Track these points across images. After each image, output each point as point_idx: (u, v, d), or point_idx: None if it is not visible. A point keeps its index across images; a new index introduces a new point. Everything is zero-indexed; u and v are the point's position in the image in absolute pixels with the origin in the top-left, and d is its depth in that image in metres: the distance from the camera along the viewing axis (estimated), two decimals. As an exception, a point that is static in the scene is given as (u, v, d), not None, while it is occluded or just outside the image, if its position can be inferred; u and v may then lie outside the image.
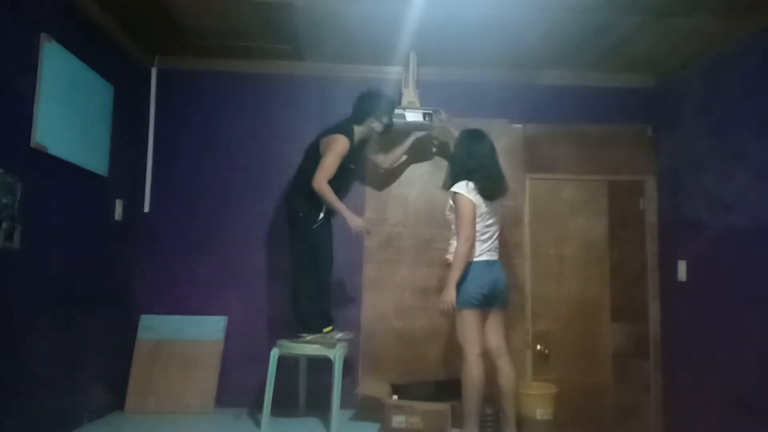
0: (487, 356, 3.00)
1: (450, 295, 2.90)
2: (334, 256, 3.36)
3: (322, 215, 3.24)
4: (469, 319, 2.93)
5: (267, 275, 3.77)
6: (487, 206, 3.00)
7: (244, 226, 3.79)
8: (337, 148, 3.21)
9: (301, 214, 3.25)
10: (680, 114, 3.67)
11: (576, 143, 3.90)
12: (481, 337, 2.97)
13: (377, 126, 3.43)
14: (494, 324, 3.07)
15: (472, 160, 3.04)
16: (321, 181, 3.15)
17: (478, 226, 2.98)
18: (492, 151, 3.11)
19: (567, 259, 3.89)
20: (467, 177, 3.00)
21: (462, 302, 2.92)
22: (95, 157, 3.21)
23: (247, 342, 3.65)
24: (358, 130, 3.38)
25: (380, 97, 3.44)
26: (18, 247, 2.48)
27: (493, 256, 3.04)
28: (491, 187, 3.02)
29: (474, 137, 3.13)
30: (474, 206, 2.95)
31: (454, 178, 3.06)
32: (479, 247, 2.98)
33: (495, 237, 3.07)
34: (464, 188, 2.97)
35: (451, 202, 3.06)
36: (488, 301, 2.99)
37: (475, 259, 2.97)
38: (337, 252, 3.40)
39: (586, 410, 3.73)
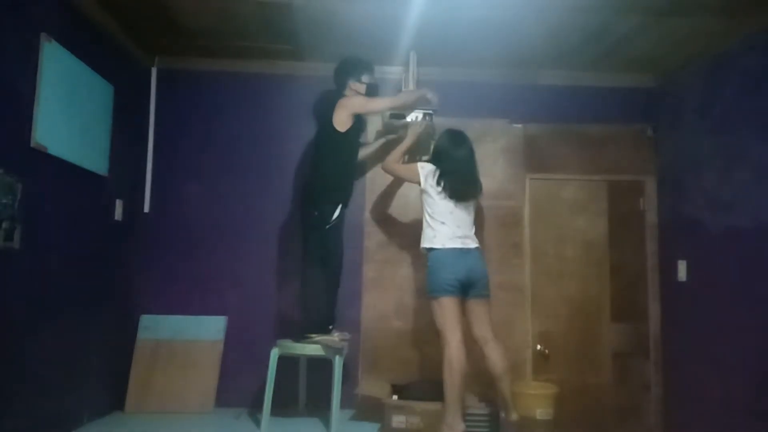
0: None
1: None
2: (344, 256, 3.37)
3: (336, 215, 3.23)
4: (445, 306, 2.98)
5: (267, 275, 3.77)
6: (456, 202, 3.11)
7: (244, 226, 3.79)
8: (354, 99, 3.31)
9: (316, 213, 3.22)
10: (680, 114, 3.67)
11: (576, 143, 3.90)
12: (460, 324, 2.99)
13: (360, 88, 3.40)
14: (477, 314, 3.10)
15: (447, 162, 3.14)
16: (384, 105, 3.36)
17: (444, 211, 3.07)
18: (470, 155, 3.20)
19: (567, 259, 3.89)
20: (440, 175, 3.11)
21: (437, 289, 2.99)
22: (95, 157, 3.21)
23: (247, 342, 3.65)
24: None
25: (351, 58, 3.45)
26: (18, 247, 2.48)
27: (466, 244, 3.08)
28: (461, 189, 3.12)
29: (454, 140, 3.21)
30: (413, 172, 3.17)
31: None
32: (447, 231, 3.05)
33: (467, 226, 3.12)
34: (423, 164, 3.18)
35: (420, 187, 3.19)
36: (465, 288, 3.04)
37: (447, 246, 3.03)
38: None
39: (586, 410, 3.73)
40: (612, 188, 3.95)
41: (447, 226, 3.06)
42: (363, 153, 3.63)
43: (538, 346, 3.79)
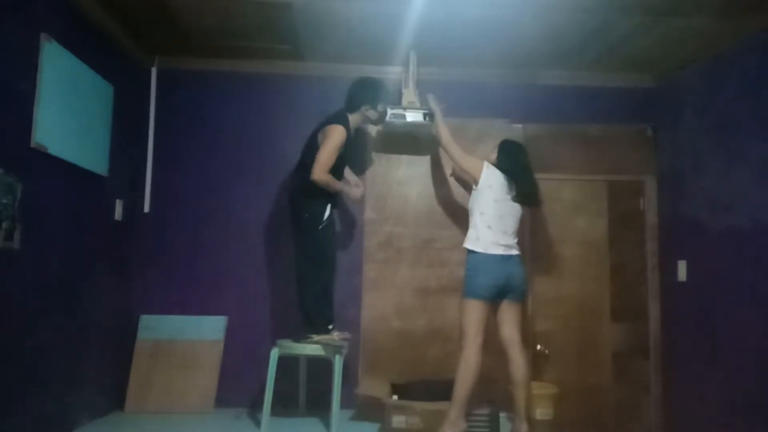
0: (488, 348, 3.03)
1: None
2: (337, 255, 3.36)
3: (327, 215, 3.22)
4: (476, 309, 2.98)
5: (267, 275, 3.77)
6: (510, 201, 3.11)
7: (244, 226, 3.79)
8: (334, 138, 3.17)
9: (306, 215, 3.21)
10: (680, 114, 3.67)
11: (576, 143, 3.90)
12: (484, 328, 3.00)
13: (372, 114, 3.39)
14: (508, 315, 3.10)
15: (518, 168, 3.16)
16: (320, 174, 3.11)
17: (494, 214, 3.06)
18: (530, 163, 3.24)
19: (567, 259, 3.89)
20: (509, 176, 3.12)
21: (473, 293, 2.98)
22: (95, 157, 3.21)
23: (247, 342, 3.65)
24: (353, 119, 3.34)
25: (375, 84, 3.40)
26: (18, 247, 2.48)
27: (510, 251, 3.08)
28: (531, 195, 3.18)
29: (518, 149, 3.26)
30: (479, 167, 3.12)
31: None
32: (492, 236, 3.03)
33: (512, 233, 3.12)
34: (488, 165, 3.14)
35: (475, 186, 3.15)
36: (501, 294, 3.04)
37: (489, 252, 3.02)
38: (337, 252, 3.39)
39: (586, 410, 3.73)
40: (612, 188, 3.95)
41: (492, 231, 3.05)
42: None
43: (538, 346, 3.79)
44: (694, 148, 3.49)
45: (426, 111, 3.52)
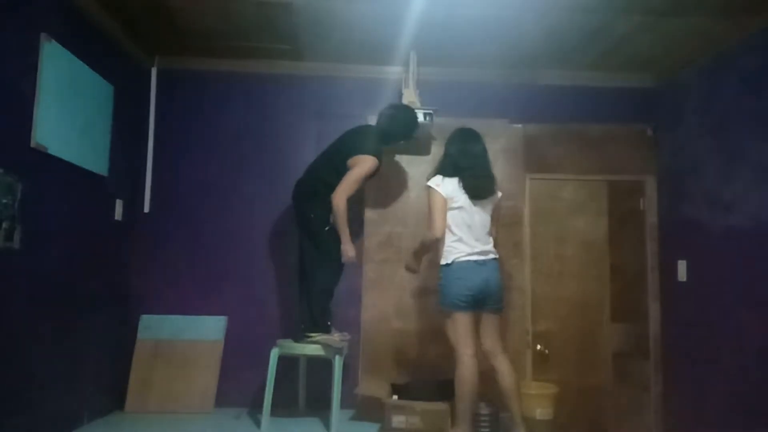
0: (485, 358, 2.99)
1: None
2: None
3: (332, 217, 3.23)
4: (458, 321, 2.90)
5: (267, 275, 3.77)
6: (474, 205, 2.97)
7: (244, 226, 3.80)
8: (365, 168, 3.20)
9: (312, 216, 3.23)
10: (680, 114, 3.67)
11: (576, 143, 3.90)
12: (473, 338, 2.92)
13: (402, 144, 3.55)
14: (487, 326, 3.01)
15: (463, 158, 3.02)
16: (341, 198, 3.13)
17: (461, 225, 2.94)
18: (484, 151, 3.09)
19: (567, 259, 3.89)
20: (455, 174, 2.98)
21: (449, 304, 2.90)
22: (95, 157, 3.21)
23: (247, 342, 3.65)
24: (386, 149, 3.45)
25: (413, 120, 3.43)
26: (18, 247, 2.48)
27: (484, 256, 2.96)
28: (479, 187, 2.99)
29: (468, 136, 3.10)
30: (444, 200, 2.94)
31: (437, 173, 3.04)
32: (464, 247, 2.92)
33: (484, 237, 2.99)
34: (435, 182, 2.98)
35: None
36: (479, 302, 2.93)
37: (462, 259, 2.90)
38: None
39: (586, 410, 3.73)
40: (612, 188, 3.95)
41: (463, 242, 2.91)
42: None
43: (538, 346, 3.79)
44: (694, 148, 3.49)
45: (426, 111, 3.52)
